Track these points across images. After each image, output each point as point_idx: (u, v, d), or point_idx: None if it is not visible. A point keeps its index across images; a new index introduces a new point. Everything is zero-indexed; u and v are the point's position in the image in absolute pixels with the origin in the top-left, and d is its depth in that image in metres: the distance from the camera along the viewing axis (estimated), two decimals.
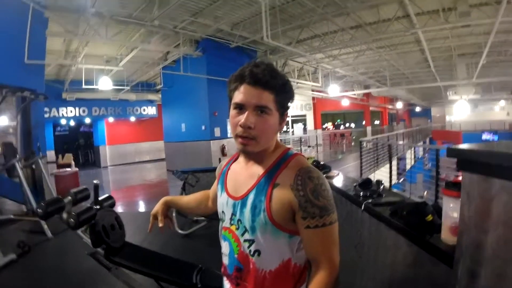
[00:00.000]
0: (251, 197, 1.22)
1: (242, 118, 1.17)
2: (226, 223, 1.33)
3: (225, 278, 1.41)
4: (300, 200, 1.13)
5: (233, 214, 1.28)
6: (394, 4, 8.57)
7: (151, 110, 19.68)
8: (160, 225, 1.73)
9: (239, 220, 1.26)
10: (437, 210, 1.59)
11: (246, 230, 1.23)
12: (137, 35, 10.49)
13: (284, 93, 1.22)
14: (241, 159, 1.35)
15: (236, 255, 1.27)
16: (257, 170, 1.25)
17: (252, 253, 1.22)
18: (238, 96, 1.19)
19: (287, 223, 1.17)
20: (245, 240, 1.23)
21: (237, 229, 1.26)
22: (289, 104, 1.27)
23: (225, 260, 1.35)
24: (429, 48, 11.63)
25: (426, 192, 8.54)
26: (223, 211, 1.36)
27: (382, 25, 9.75)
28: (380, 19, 9.49)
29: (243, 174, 1.30)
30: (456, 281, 1.14)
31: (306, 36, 11.40)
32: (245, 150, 1.23)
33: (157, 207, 1.77)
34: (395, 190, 3.49)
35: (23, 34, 7.38)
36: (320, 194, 1.14)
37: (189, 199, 1.81)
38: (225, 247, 1.35)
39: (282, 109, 1.23)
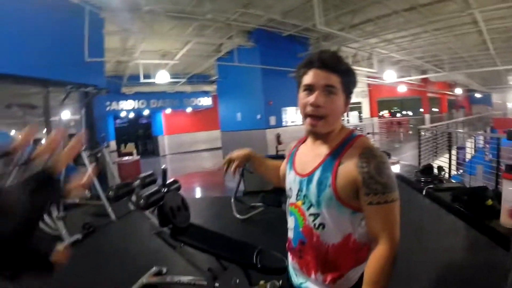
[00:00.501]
0: (317, 174, 1.30)
1: (312, 98, 1.27)
2: (292, 199, 1.42)
3: (289, 253, 1.49)
4: (364, 177, 1.19)
5: (300, 190, 1.36)
6: None
7: (206, 101, 20.14)
8: (231, 169, 1.79)
9: (305, 195, 1.33)
10: (497, 196, 1.60)
11: (311, 205, 1.31)
12: (190, 29, 10.70)
13: (348, 77, 1.31)
14: (309, 140, 1.44)
15: (300, 229, 1.36)
16: (324, 150, 1.33)
17: (316, 226, 1.30)
18: (308, 79, 1.29)
19: (351, 199, 1.24)
20: (310, 214, 1.32)
21: (303, 204, 1.34)
22: (353, 89, 1.36)
23: (290, 234, 1.44)
24: (487, 29, 11.03)
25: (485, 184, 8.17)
26: (290, 188, 1.44)
27: (436, 6, 9.32)
28: (434, 0, 9.11)
29: (311, 153, 1.38)
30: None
31: (359, 20, 11.14)
32: (313, 131, 1.32)
33: (237, 154, 1.81)
34: (454, 181, 3.41)
35: (82, 34, 7.88)
36: (383, 172, 1.20)
37: (269, 164, 1.88)
38: (290, 222, 1.43)
39: (347, 91, 1.33)
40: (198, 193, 9.38)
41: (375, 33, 11.27)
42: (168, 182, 3.14)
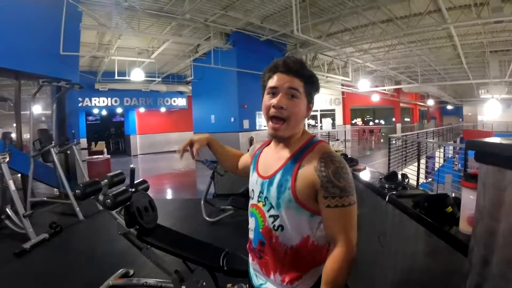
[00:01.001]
0: (278, 177, 1.34)
1: (275, 100, 1.32)
2: (254, 200, 1.45)
3: (250, 254, 1.52)
4: (323, 180, 1.23)
5: (261, 192, 1.40)
6: None
7: (181, 102, 19.99)
8: (192, 153, 1.86)
9: (266, 197, 1.37)
10: (458, 203, 1.64)
11: (272, 207, 1.34)
12: (168, 28, 10.68)
13: (311, 83, 1.36)
14: (272, 144, 1.48)
15: (260, 230, 1.38)
16: (285, 153, 1.37)
17: (276, 227, 1.33)
18: (272, 82, 1.34)
19: (310, 202, 1.27)
20: (270, 216, 1.35)
21: (264, 205, 1.38)
22: (315, 95, 1.41)
23: (251, 234, 1.47)
24: (461, 44, 11.40)
25: (453, 194, 8.40)
26: (252, 189, 1.48)
27: (413, 19, 9.59)
28: (411, 13, 9.33)
29: (273, 156, 1.42)
30: (470, 268, 1.20)
31: (336, 29, 11.35)
32: (276, 135, 1.36)
33: (198, 137, 1.88)
34: (421, 188, 3.50)
35: (58, 27, 7.68)
36: (341, 176, 1.23)
37: (228, 150, 1.94)
38: (251, 223, 1.46)
39: (309, 96, 1.37)
40: (169, 194, 9.29)
41: (351, 42, 11.44)
42: (136, 182, 3.09)
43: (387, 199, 2.23)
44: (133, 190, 2.96)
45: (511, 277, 1.00)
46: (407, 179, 2.46)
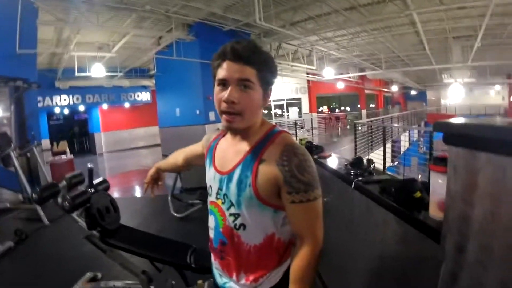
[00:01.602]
0: (237, 172, 1.24)
1: (225, 94, 1.18)
2: (212, 197, 1.35)
3: (211, 253, 1.44)
4: (286, 175, 1.15)
5: (220, 188, 1.30)
6: None
7: (145, 96, 19.58)
8: (147, 186, 1.97)
9: (225, 194, 1.27)
10: (426, 188, 1.60)
11: (232, 205, 1.25)
12: (128, 21, 10.37)
13: (266, 68, 1.22)
14: (228, 135, 1.37)
15: (221, 229, 1.30)
16: (244, 146, 1.27)
17: (237, 226, 1.25)
18: (221, 73, 1.20)
19: (272, 198, 1.20)
20: (230, 214, 1.26)
21: (223, 203, 1.28)
22: (273, 80, 1.28)
23: (211, 234, 1.38)
24: (424, 30, 11.58)
25: (420, 175, 8.59)
26: (210, 185, 1.38)
27: (376, 7, 9.65)
28: (374, 1, 9.39)
29: (230, 150, 1.32)
30: (443, 255, 1.15)
31: (299, 18, 11.30)
32: (230, 127, 1.25)
33: (149, 175, 1.94)
34: (389, 172, 3.51)
35: (14, 24, 7.31)
36: (305, 170, 1.16)
37: (167, 161, 1.95)
38: (211, 221, 1.37)
39: (265, 84, 1.24)
40: (136, 192, 9.10)
41: (315, 30, 11.45)
42: (95, 182, 2.97)
43: (353, 186, 2.19)
44: (93, 190, 2.83)
45: (489, 264, 0.95)
46: (373, 164, 2.44)
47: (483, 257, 0.98)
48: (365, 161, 2.48)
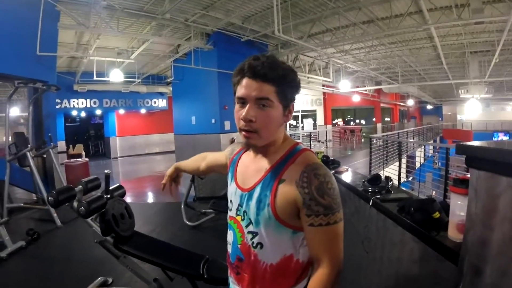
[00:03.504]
0: (257, 191, 1.22)
1: (243, 112, 1.17)
2: (232, 213, 1.35)
3: (229, 267, 1.42)
4: (305, 198, 1.12)
5: (240, 205, 1.29)
6: None
7: (161, 103, 19.66)
8: (165, 185, 1.92)
9: (245, 211, 1.26)
10: (445, 208, 1.59)
11: (250, 222, 1.24)
12: (148, 28, 10.51)
13: (285, 84, 1.19)
14: (252, 151, 1.34)
15: (239, 245, 1.29)
16: (265, 164, 1.25)
17: (254, 245, 1.23)
18: (240, 90, 1.19)
19: (291, 219, 1.17)
20: (248, 232, 1.25)
21: (242, 220, 1.28)
22: (294, 95, 1.25)
23: (229, 248, 1.37)
24: (442, 45, 11.53)
25: (434, 191, 8.49)
26: (231, 200, 1.37)
27: (394, 21, 9.64)
28: (392, 14, 9.37)
29: (252, 166, 1.31)
30: (461, 277, 1.15)
31: (317, 30, 11.34)
32: (248, 144, 1.23)
33: (167, 175, 1.92)
34: (403, 188, 3.48)
35: (35, 26, 7.42)
36: (325, 192, 1.12)
37: (187, 162, 1.94)
38: (229, 236, 1.36)
39: (285, 101, 1.20)
40: (149, 198, 9.14)
41: (332, 43, 11.44)
42: (111, 187, 2.98)
43: (371, 203, 2.18)
44: (108, 196, 2.85)
45: None
46: (391, 182, 2.42)
47: (500, 281, 0.98)
48: (383, 178, 2.46)
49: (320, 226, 1.12)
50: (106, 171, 2.98)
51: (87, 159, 11.19)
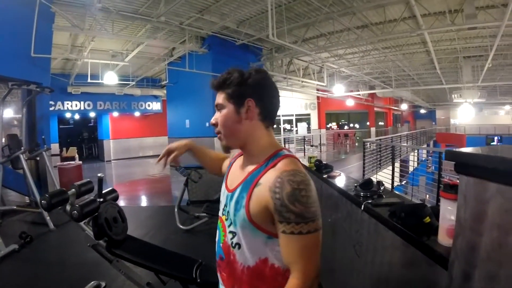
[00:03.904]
0: (237, 192, 1.27)
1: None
2: (220, 212, 1.40)
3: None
4: (276, 203, 1.11)
5: (225, 205, 1.34)
6: (401, 4, 8.56)
7: (155, 106, 19.70)
8: (166, 162, 1.76)
9: (228, 211, 1.30)
10: (436, 213, 1.60)
11: (231, 222, 1.27)
12: (143, 31, 10.53)
13: (234, 87, 1.29)
14: (243, 156, 1.40)
15: (221, 244, 1.33)
16: (249, 167, 1.30)
17: (233, 245, 1.26)
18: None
19: (266, 224, 1.18)
20: (230, 232, 1.28)
21: (226, 219, 1.32)
22: (246, 93, 1.29)
23: (216, 247, 1.40)
24: (435, 50, 11.63)
25: (427, 195, 8.53)
26: (221, 200, 1.42)
27: (388, 26, 9.73)
28: (386, 20, 9.45)
29: (239, 169, 1.37)
30: (450, 282, 1.16)
31: (311, 35, 11.40)
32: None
33: (176, 145, 1.79)
34: (397, 192, 3.49)
35: (30, 28, 7.42)
36: (297, 200, 1.10)
37: (211, 154, 1.90)
38: (217, 235, 1.40)
39: (235, 99, 1.29)
40: (142, 201, 9.11)
41: (327, 47, 11.51)
42: (104, 191, 2.97)
43: (362, 208, 2.20)
44: (101, 200, 2.84)
45: None
46: (383, 186, 2.44)
47: (489, 286, 0.99)
48: (374, 182, 2.48)
49: (292, 234, 1.11)
50: (99, 174, 2.97)
51: (81, 162, 11.14)
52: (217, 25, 10.02)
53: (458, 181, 1.22)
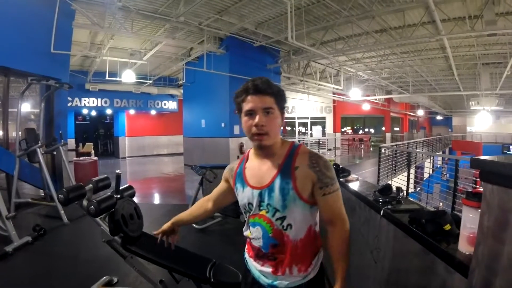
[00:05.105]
0: (277, 182, 1.49)
1: (256, 120, 1.47)
2: (255, 211, 1.57)
3: (255, 261, 1.63)
4: (318, 174, 1.47)
5: (262, 201, 1.53)
6: (420, 9, 8.51)
7: (172, 105, 19.84)
8: (166, 241, 2.03)
9: (268, 204, 1.51)
10: (456, 220, 1.60)
11: (277, 210, 1.50)
12: (162, 30, 10.62)
13: (280, 97, 1.53)
14: (254, 158, 1.63)
15: (270, 234, 1.53)
16: (274, 162, 1.54)
17: (285, 227, 1.50)
18: (248, 105, 1.49)
19: (308, 196, 1.49)
20: (277, 219, 1.51)
21: (267, 212, 1.52)
22: (285, 104, 1.58)
23: (257, 243, 1.59)
24: (454, 56, 11.50)
25: (441, 203, 8.43)
26: (249, 203, 1.59)
27: (407, 30, 9.65)
28: (405, 24, 9.38)
29: (262, 168, 1.57)
30: None
31: (330, 38, 11.38)
32: (261, 145, 1.51)
33: (165, 226, 2.01)
34: (411, 199, 3.46)
35: (50, 24, 7.52)
36: (328, 168, 1.50)
37: (191, 211, 2.04)
38: (256, 232, 1.59)
39: (282, 108, 1.54)
40: (156, 199, 9.15)
41: (344, 51, 11.45)
42: (122, 188, 2.99)
43: (381, 214, 2.19)
44: (118, 196, 2.86)
45: None
46: (402, 193, 2.42)
47: None
48: (394, 188, 2.46)
49: (330, 194, 1.48)
50: (117, 171, 2.99)
51: (96, 158, 11.24)
52: (236, 26, 10.06)
53: (479, 189, 1.21)
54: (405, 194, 2.55)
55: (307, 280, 1.55)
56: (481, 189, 1.20)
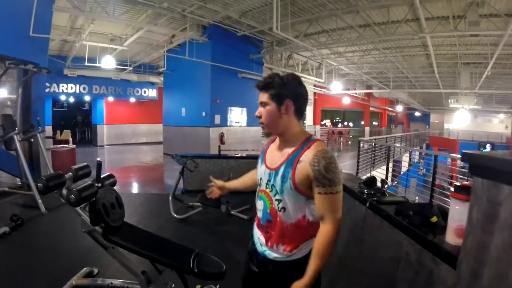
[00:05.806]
0: (282, 169, 1.67)
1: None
2: (262, 187, 1.79)
3: (256, 229, 1.87)
4: (315, 173, 1.55)
5: (269, 180, 1.73)
6: (405, 6, 8.55)
7: (151, 93, 19.53)
8: (216, 191, 2.25)
9: (272, 185, 1.70)
10: (442, 213, 1.63)
11: (277, 192, 1.68)
12: (144, 16, 10.43)
13: (277, 89, 1.67)
14: (278, 141, 1.81)
15: (268, 210, 1.74)
16: (287, 150, 1.71)
17: (279, 209, 1.68)
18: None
19: (306, 189, 1.61)
20: (275, 200, 1.70)
21: (271, 191, 1.72)
22: (285, 93, 1.68)
23: (259, 214, 1.82)
24: (435, 54, 11.64)
25: (417, 197, 8.61)
26: (261, 178, 1.81)
27: (390, 26, 9.73)
28: (389, 20, 9.45)
29: (277, 152, 1.76)
30: (459, 280, 1.18)
31: (314, 30, 11.37)
32: (264, 133, 1.77)
33: (219, 182, 2.24)
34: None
35: (30, 7, 7.27)
36: (330, 170, 1.55)
37: (243, 180, 2.24)
38: (260, 205, 1.81)
39: (277, 99, 1.67)
40: (135, 188, 9.05)
41: (327, 44, 11.47)
42: (102, 176, 2.93)
43: (367, 205, 2.21)
44: (99, 185, 2.80)
45: None
46: (386, 185, 2.45)
47: (498, 285, 1.02)
48: (378, 181, 2.50)
49: (326, 194, 1.56)
50: (98, 159, 2.92)
51: (74, 145, 11.03)
52: (220, 14, 9.98)
53: (466, 183, 1.23)
54: (378, 185, 2.59)
55: (293, 259, 1.69)
56: (458, 183, 1.23)
